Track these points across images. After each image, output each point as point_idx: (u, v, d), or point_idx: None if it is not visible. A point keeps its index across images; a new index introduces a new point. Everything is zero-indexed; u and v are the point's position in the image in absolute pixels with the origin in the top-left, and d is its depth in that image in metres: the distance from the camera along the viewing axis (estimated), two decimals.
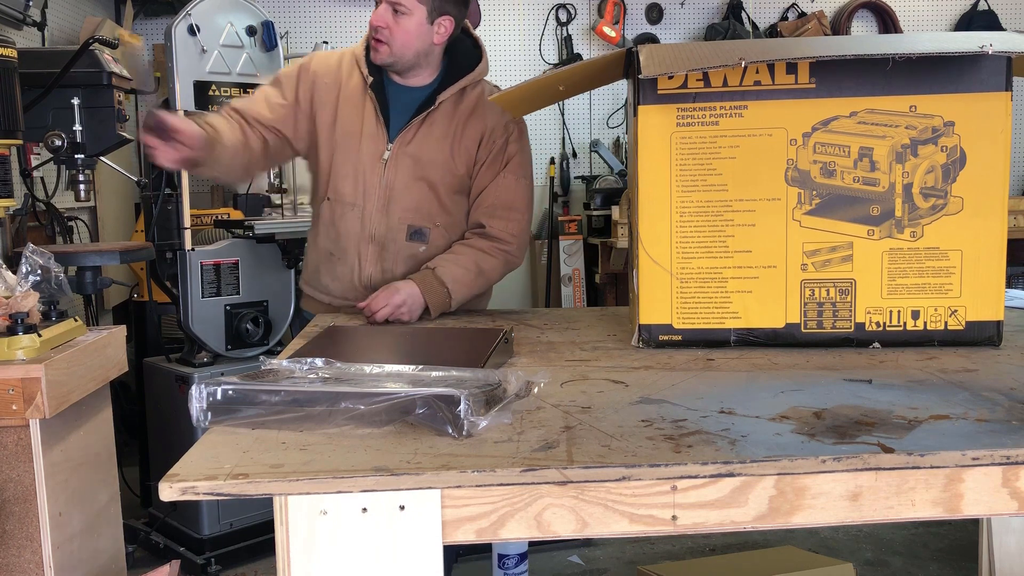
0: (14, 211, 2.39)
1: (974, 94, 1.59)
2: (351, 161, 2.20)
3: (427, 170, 2.19)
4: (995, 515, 1.59)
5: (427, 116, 2.18)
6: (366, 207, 2.20)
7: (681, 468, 1.05)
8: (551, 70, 2.37)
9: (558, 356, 1.68)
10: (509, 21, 5.44)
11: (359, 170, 2.19)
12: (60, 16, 4.08)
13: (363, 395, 1.19)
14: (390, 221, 2.20)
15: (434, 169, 2.19)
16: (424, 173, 2.19)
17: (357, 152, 2.19)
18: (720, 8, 5.42)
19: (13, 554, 1.84)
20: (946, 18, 5.51)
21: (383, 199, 2.19)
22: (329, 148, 2.21)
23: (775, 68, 1.61)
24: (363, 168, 2.19)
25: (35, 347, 1.82)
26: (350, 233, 2.22)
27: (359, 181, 2.20)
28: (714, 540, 3.34)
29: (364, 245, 2.21)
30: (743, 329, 1.67)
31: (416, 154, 2.18)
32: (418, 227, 2.21)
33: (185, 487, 1.01)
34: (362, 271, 2.22)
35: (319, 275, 2.31)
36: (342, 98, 2.20)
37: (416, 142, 2.18)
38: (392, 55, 2.15)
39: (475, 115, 2.21)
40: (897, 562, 3.17)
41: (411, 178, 2.19)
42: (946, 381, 1.41)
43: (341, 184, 2.21)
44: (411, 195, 2.19)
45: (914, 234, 1.63)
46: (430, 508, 1.05)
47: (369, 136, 2.19)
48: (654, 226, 1.66)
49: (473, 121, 2.20)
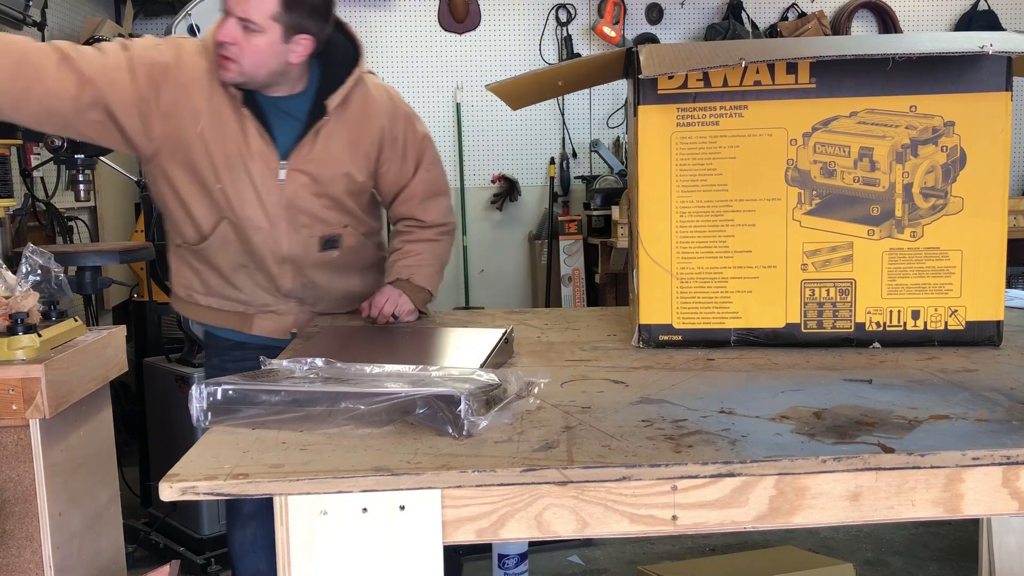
0: (14, 211, 2.39)
1: (974, 94, 1.59)
2: (244, 184, 2.01)
3: (327, 185, 2.06)
4: (995, 515, 1.59)
5: (320, 129, 2.02)
6: (271, 231, 2.05)
7: (681, 468, 1.05)
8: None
9: (558, 356, 1.68)
10: (509, 21, 5.44)
11: (257, 191, 2.02)
12: (60, 16, 4.08)
13: (363, 395, 1.19)
14: (300, 239, 2.08)
15: (334, 183, 2.07)
16: (324, 189, 2.06)
17: (249, 174, 2.00)
18: (720, 8, 5.43)
19: (13, 554, 1.84)
20: (946, 18, 5.51)
21: (288, 220, 2.05)
22: (212, 167, 2.00)
23: (775, 68, 1.61)
24: (259, 190, 2.02)
25: (35, 347, 1.82)
26: (260, 253, 2.07)
27: (260, 203, 2.03)
28: (714, 540, 3.34)
29: (277, 265, 2.09)
30: (743, 329, 1.67)
31: (314, 171, 2.04)
32: (329, 236, 2.11)
33: (185, 487, 1.01)
34: (280, 285, 2.12)
35: (228, 287, 2.14)
36: (212, 112, 1.98)
37: (313, 159, 2.03)
38: (242, 74, 1.93)
39: (366, 118, 2.08)
40: (897, 562, 3.17)
41: (312, 195, 2.06)
42: (946, 381, 1.41)
43: (240, 207, 2.03)
44: (316, 210, 2.07)
45: (914, 234, 1.63)
46: (430, 508, 1.05)
47: (258, 156, 2.00)
48: (654, 226, 1.66)
49: (367, 124, 2.09)
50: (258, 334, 2.17)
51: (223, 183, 2.01)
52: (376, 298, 2.07)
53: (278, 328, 2.17)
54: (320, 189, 2.06)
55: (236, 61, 1.90)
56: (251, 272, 2.11)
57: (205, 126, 1.97)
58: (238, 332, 2.19)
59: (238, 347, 2.20)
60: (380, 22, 5.43)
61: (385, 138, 2.12)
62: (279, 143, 2.01)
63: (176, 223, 2.13)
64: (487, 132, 5.55)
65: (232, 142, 1.98)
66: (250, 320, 2.17)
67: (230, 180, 2.01)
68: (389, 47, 5.45)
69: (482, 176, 5.58)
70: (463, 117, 5.49)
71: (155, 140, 1.99)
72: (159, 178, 2.08)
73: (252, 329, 2.16)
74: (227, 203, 2.03)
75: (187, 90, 1.96)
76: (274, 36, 1.89)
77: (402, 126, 2.15)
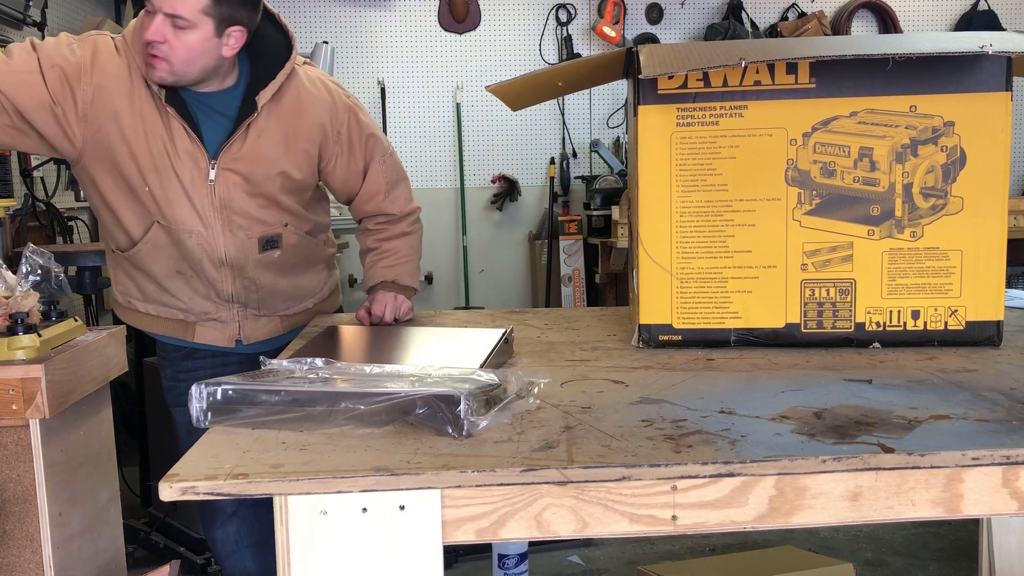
0: (14, 211, 2.39)
1: (974, 94, 1.59)
2: (174, 186, 1.92)
3: (261, 185, 1.97)
4: (995, 515, 1.59)
5: (250, 126, 1.93)
6: (207, 233, 1.96)
7: (681, 468, 1.05)
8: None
9: (558, 356, 1.68)
10: (509, 21, 5.44)
11: (187, 193, 1.93)
12: (60, 16, 4.08)
13: (363, 395, 1.19)
14: (238, 241, 1.99)
15: (268, 182, 1.97)
16: (258, 188, 1.97)
17: (177, 175, 1.92)
18: (720, 8, 5.43)
19: (13, 554, 1.84)
20: (946, 18, 5.52)
21: (223, 221, 1.96)
22: (137, 169, 1.91)
23: (775, 68, 1.61)
24: (189, 192, 1.93)
25: (35, 347, 1.82)
26: (196, 257, 1.98)
27: (191, 207, 1.94)
28: (714, 540, 3.34)
29: (216, 269, 2.00)
30: (743, 329, 1.67)
31: (246, 171, 1.94)
32: (268, 236, 2.02)
33: (185, 487, 1.01)
34: (220, 290, 2.04)
35: (165, 294, 2.06)
36: (134, 112, 1.89)
37: (244, 157, 1.94)
38: (172, 73, 1.83)
39: (301, 114, 1.99)
40: (897, 562, 3.17)
41: (245, 195, 1.96)
42: (946, 381, 1.41)
43: (171, 211, 1.94)
44: (252, 209, 1.98)
45: (914, 234, 1.63)
46: (430, 508, 1.05)
47: (186, 155, 1.91)
48: (654, 226, 1.66)
49: (301, 122, 1.99)
50: (200, 343, 2.10)
51: (151, 186, 1.92)
52: (373, 308, 2.04)
53: (222, 336, 2.09)
54: (253, 189, 1.97)
55: (166, 60, 1.81)
56: (188, 279, 2.03)
57: (127, 127, 1.88)
58: (181, 340, 2.12)
59: (188, 356, 2.14)
60: (380, 22, 5.43)
61: (327, 134, 2.03)
62: (207, 141, 1.93)
63: (107, 228, 2.05)
64: (487, 132, 5.55)
65: (157, 142, 1.89)
66: (191, 328, 2.09)
67: (158, 182, 1.92)
68: (389, 47, 5.46)
69: (482, 176, 5.59)
70: (463, 117, 5.49)
71: (76, 143, 1.90)
72: (87, 182, 1.99)
73: (194, 337, 2.09)
74: (157, 207, 1.94)
75: (104, 90, 1.87)
76: (206, 31, 1.80)
77: (344, 119, 2.05)
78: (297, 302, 2.17)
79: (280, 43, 1.98)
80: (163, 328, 2.12)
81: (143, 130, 1.89)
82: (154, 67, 1.82)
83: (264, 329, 2.13)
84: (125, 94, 1.88)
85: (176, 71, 1.83)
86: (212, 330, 2.09)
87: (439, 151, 5.51)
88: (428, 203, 2.33)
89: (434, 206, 5.15)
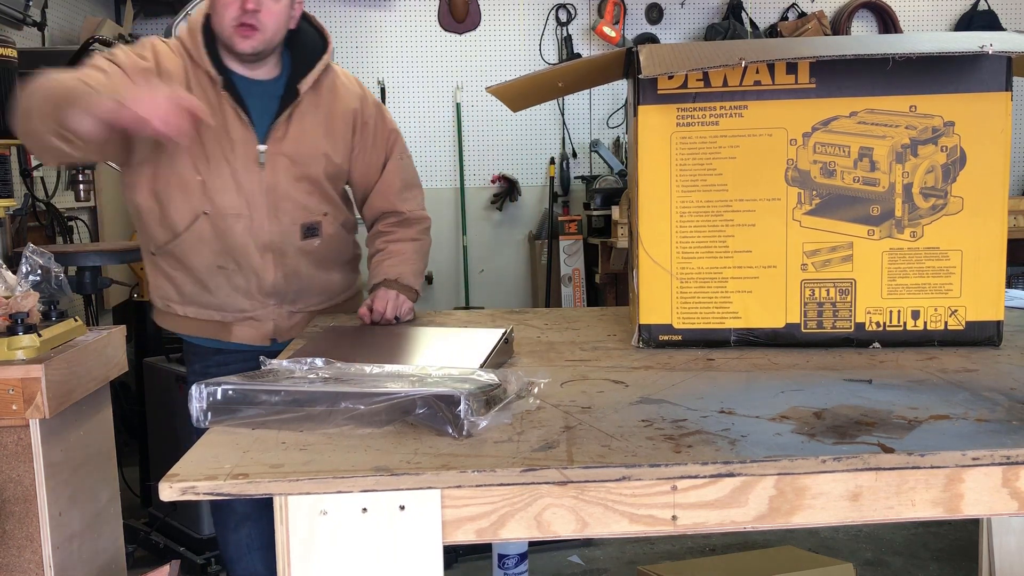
0: (14, 211, 2.39)
1: (974, 94, 1.59)
2: (225, 170, 2.03)
3: (307, 166, 2.10)
4: (995, 515, 1.59)
5: (294, 111, 2.08)
6: (253, 216, 2.06)
7: (681, 468, 1.05)
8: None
9: (558, 356, 1.68)
10: (509, 21, 5.44)
11: (236, 178, 2.04)
12: (60, 16, 4.08)
13: (363, 395, 1.19)
14: (282, 226, 2.09)
15: (313, 163, 2.11)
16: (304, 170, 2.10)
17: (228, 161, 2.03)
18: (720, 8, 5.43)
19: (13, 554, 1.84)
20: (946, 18, 5.52)
21: (269, 205, 2.07)
22: (191, 158, 2.01)
23: (775, 68, 1.61)
24: (240, 175, 2.04)
25: (35, 347, 1.82)
26: (240, 245, 2.06)
27: (240, 190, 2.04)
28: (714, 540, 3.34)
29: (259, 255, 2.08)
30: (743, 329, 1.67)
31: (292, 152, 2.08)
32: (309, 223, 2.13)
33: (185, 487, 1.01)
34: (263, 281, 2.11)
35: (204, 292, 2.13)
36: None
37: (289, 139, 2.07)
38: (264, 41, 2.00)
39: (337, 101, 2.15)
40: (897, 562, 3.17)
41: (292, 178, 2.08)
42: (946, 381, 1.41)
43: (219, 196, 2.03)
44: (296, 194, 2.10)
45: (914, 234, 1.63)
46: (430, 508, 1.05)
47: (238, 140, 2.03)
48: (654, 226, 1.66)
49: (338, 107, 2.14)
50: (238, 342, 2.16)
51: (203, 175, 2.02)
52: (375, 304, 2.05)
53: (258, 335, 2.16)
54: (300, 171, 2.08)
55: (260, 29, 1.97)
56: (229, 274, 2.09)
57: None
58: (218, 341, 2.18)
59: (218, 352, 2.19)
60: (380, 22, 5.43)
61: (357, 120, 2.17)
62: (256, 126, 2.05)
63: (148, 227, 2.12)
64: (487, 132, 5.55)
65: (210, 130, 1.99)
66: (229, 328, 2.15)
67: (208, 170, 2.02)
68: (389, 47, 5.46)
69: (482, 176, 5.59)
70: (463, 117, 5.49)
71: (147, 142, 1.99)
72: (137, 181, 2.07)
73: (231, 337, 2.15)
74: (205, 195, 2.03)
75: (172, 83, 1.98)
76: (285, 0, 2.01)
77: (372, 112, 2.20)
78: (327, 298, 2.23)
79: (316, 39, 2.15)
80: (201, 330, 2.19)
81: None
82: (248, 37, 1.98)
83: (297, 327, 2.19)
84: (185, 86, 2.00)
85: (267, 39, 2.01)
86: (249, 328, 2.16)
87: (439, 151, 5.52)
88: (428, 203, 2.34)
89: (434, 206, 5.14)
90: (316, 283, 2.19)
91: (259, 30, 1.98)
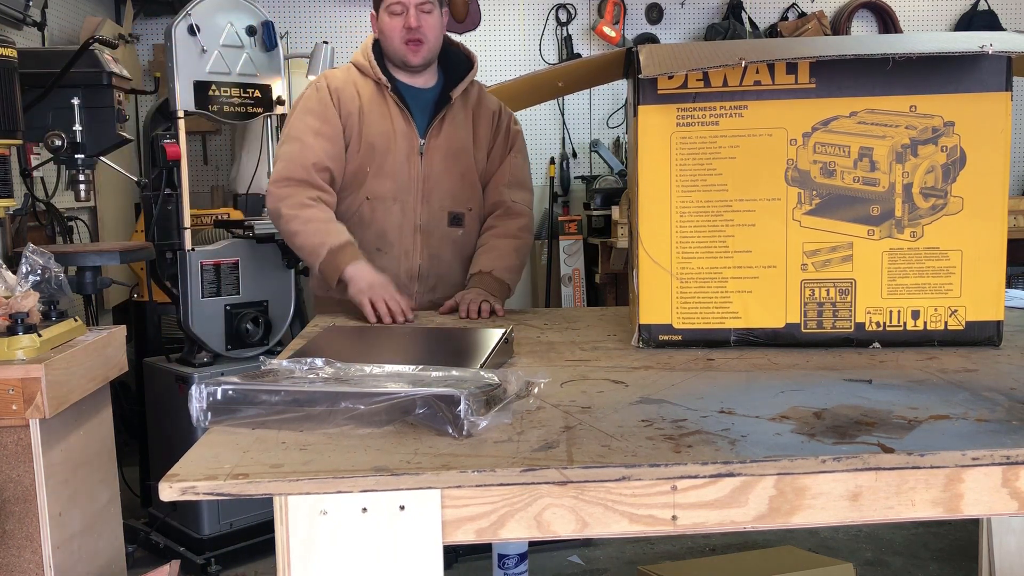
0: (14, 211, 2.39)
1: (974, 94, 1.59)
2: (388, 160, 2.36)
3: (458, 159, 2.41)
4: (995, 515, 1.59)
5: (447, 113, 2.41)
6: (408, 200, 2.37)
7: (681, 468, 1.05)
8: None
9: (558, 356, 1.68)
10: (509, 21, 5.44)
11: (397, 167, 2.36)
12: (60, 16, 4.08)
13: (363, 395, 1.19)
14: (431, 210, 2.39)
15: (464, 157, 2.42)
16: (455, 163, 2.41)
17: (393, 150, 2.36)
18: (720, 8, 5.43)
19: (13, 554, 1.84)
20: (946, 18, 5.51)
21: (423, 191, 2.38)
22: (360, 153, 2.36)
23: (775, 68, 1.61)
24: (401, 164, 2.36)
25: (35, 347, 1.82)
26: (394, 226, 2.37)
27: (399, 177, 2.36)
28: (714, 540, 3.34)
29: (410, 235, 2.39)
30: (743, 329, 1.67)
31: (446, 146, 2.40)
32: (456, 212, 2.42)
33: (185, 487, 1.01)
34: (410, 261, 2.39)
35: None
36: (364, 106, 2.37)
37: (444, 135, 2.40)
38: (430, 51, 2.38)
39: (481, 105, 2.48)
40: (897, 562, 3.17)
41: (444, 169, 2.40)
42: (946, 381, 1.41)
43: (380, 183, 2.36)
44: (447, 184, 2.40)
45: (914, 234, 1.63)
46: (430, 508, 1.05)
47: (402, 135, 2.37)
48: (654, 226, 1.66)
49: (481, 111, 2.47)
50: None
51: (370, 166, 2.36)
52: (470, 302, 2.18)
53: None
54: (452, 162, 2.41)
55: (424, 42, 2.34)
56: (382, 256, 2.36)
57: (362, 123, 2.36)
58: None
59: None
60: None
61: (498, 124, 2.49)
62: (417, 124, 2.39)
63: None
64: None
65: (381, 125, 2.36)
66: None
67: (374, 162, 2.35)
68: None
69: None
70: None
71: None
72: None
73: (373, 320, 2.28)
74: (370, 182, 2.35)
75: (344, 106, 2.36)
76: (438, 11, 2.37)
77: (507, 118, 2.52)
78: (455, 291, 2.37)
79: (463, 58, 2.51)
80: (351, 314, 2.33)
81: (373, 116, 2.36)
82: (416, 52, 2.36)
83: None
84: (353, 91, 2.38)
85: (431, 48, 2.38)
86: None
87: None
88: None
89: None
90: (453, 273, 2.43)
91: (424, 42, 2.34)
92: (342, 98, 2.37)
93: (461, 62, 2.51)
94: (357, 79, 2.42)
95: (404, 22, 2.34)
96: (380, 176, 2.36)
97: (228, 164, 4.90)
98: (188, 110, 3.05)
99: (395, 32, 2.36)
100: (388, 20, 2.38)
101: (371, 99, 2.38)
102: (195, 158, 5.00)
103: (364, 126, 2.36)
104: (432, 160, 2.40)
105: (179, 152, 3.05)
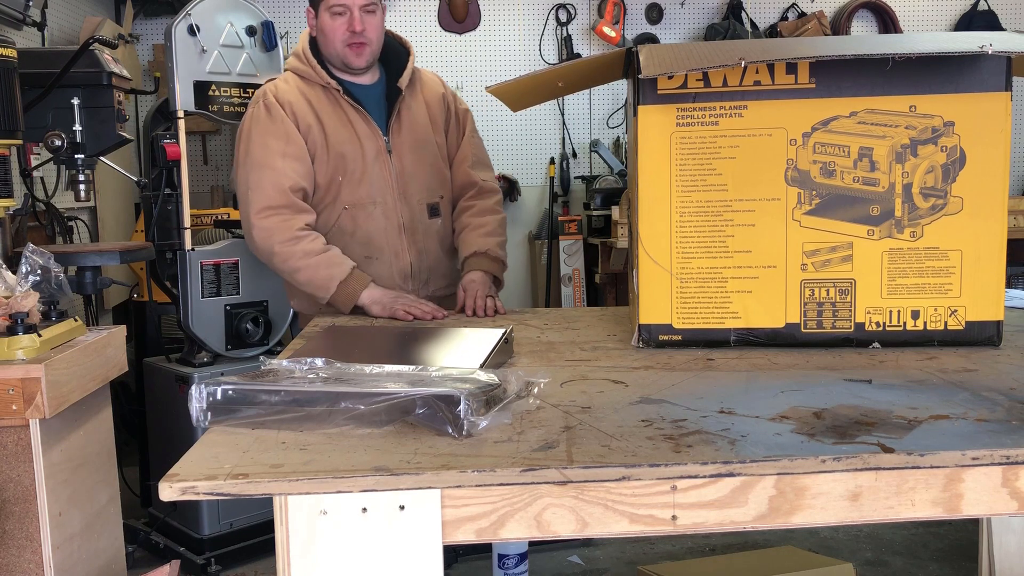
0: (14, 211, 2.39)
1: (974, 94, 1.59)
2: (358, 165, 2.32)
3: (425, 149, 2.41)
4: (995, 515, 1.59)
5: (400, 106, 2.39)
6: (387, 201, 2.35)
7: (681, 468, 1.05)
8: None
9: (558, 356, 1.68)
10: (509, 21, 5.44)
11: (370, 170, 2.33)
12: (60, 16, 4.08)
13: (363, 395, 1.19)
14: (411, 206, 2.39)
15: (429, 146, 2.42)
16: (424, 154, 2.40)
17: (362, 155, 2.32)
18: (720, 8, 5.42)
19: (13, 554, 1.84)
20: (946, 18, 5.51)
21: (399, 189, 2.37)
22: (329, 164, 2.32)
23: (775, 68, 1.61)
24: (372, 167, 2.33)
25: (35, 347, 1.82)
26: (379, 230, 2.35)
27: (373, 180, 2.34)
28: (714, 540, 3.34)
29: (396, 236, 2.37)
30: (743, 329, 1.67)
31: (411, 139, 2.39)
32: (432, 203, 2.42)
33: (185, 487, 1.01)
34: (401, 261, 2.37)
35: None
36: (321, 115, 2.32)
37: (406, 129, 2.39)
38: (372, 52, 2.35)
39: (428, 91, 2.47)
40: (897, 562, 3.17)
41: (415, 162, 2.39)
42: (946, 381, 1.41)
43: (356, 190, 2.33)
44: (421, 177, 2.40)
45: (914, 234, 1.63)
46: (430, 508, 1.05)
47: (366, 137, 2.34)
48: (654, 226, 1.66)
49: (431, 95, 2.47)
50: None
51: (342, 175, 2.32)
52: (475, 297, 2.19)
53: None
54: (419, 154, 2.40)
55: (368, 44, 2.31)
56: (372, 263, 2.34)
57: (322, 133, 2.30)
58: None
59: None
60: None
61: (447, 104, 2.48)
62: (377, 124, 2.36)
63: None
64: (487, 132, 5.51)
65: (344, 132, 2.32)
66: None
67: (345, 169, 2.32)
68: None
69: None
70: None
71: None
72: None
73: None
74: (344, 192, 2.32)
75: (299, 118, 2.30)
76: (380, 10, 2.34)
77: (451, 95, 2.53)
78: (449, 283, 2.46)
79: (399, 47, 2.48)
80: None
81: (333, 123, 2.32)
82: (360, 54, 2.32)
83: None
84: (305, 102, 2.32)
85: (374, 50, 2.35)
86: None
87: None
88: None
89: None
90: (441, 263, 2.45)
91: (367, 45, 2.31)
92: (297, 112, 2.30)
93: (397, 51, 2.46)
94: (303, 88, 2.35)
95: (348, 24, 2.29)
96: (354, 183, 2.32)
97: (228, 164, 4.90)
98: (188, 110, 3.05)
99: (337, 34, 2.30)
100: (329, 21, 2.31)
101: (325, 107, 2.33)
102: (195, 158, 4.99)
103: (327, 136, 2.31)
104: (401, 156, 2.38)
105: (179, 152, 3.05)
